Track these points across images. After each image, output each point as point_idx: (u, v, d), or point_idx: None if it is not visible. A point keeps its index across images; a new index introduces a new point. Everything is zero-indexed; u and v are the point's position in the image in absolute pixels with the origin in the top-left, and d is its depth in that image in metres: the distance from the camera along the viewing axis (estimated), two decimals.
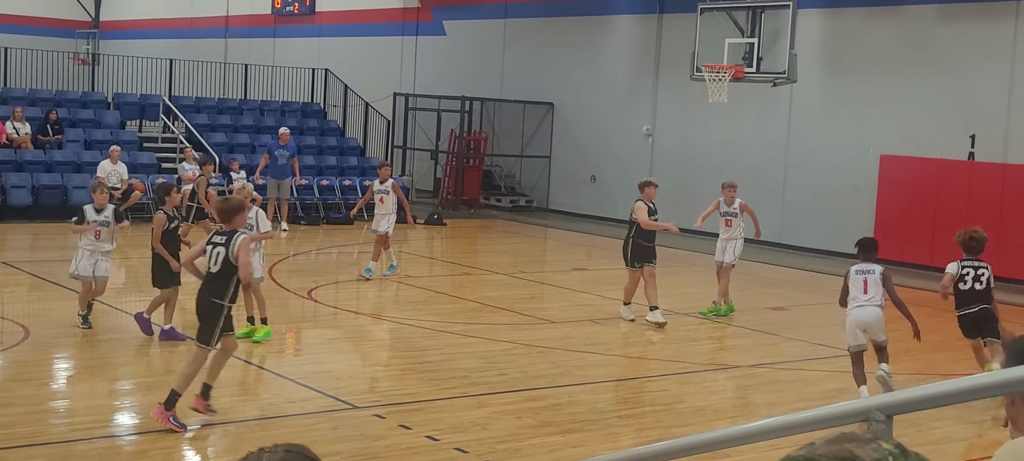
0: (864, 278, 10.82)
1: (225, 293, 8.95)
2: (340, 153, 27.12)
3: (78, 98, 26.45)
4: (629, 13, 26.08)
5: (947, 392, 2.63)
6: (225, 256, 8.88)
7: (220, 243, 8.99)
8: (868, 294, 10.77)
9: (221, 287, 8.94)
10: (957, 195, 19.94)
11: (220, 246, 8.96)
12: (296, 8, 35.33)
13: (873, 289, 10.75)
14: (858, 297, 10.78)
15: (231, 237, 8.95)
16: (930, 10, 20.77)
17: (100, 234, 12.25)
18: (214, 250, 8.98)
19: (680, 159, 24.81)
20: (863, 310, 10.72)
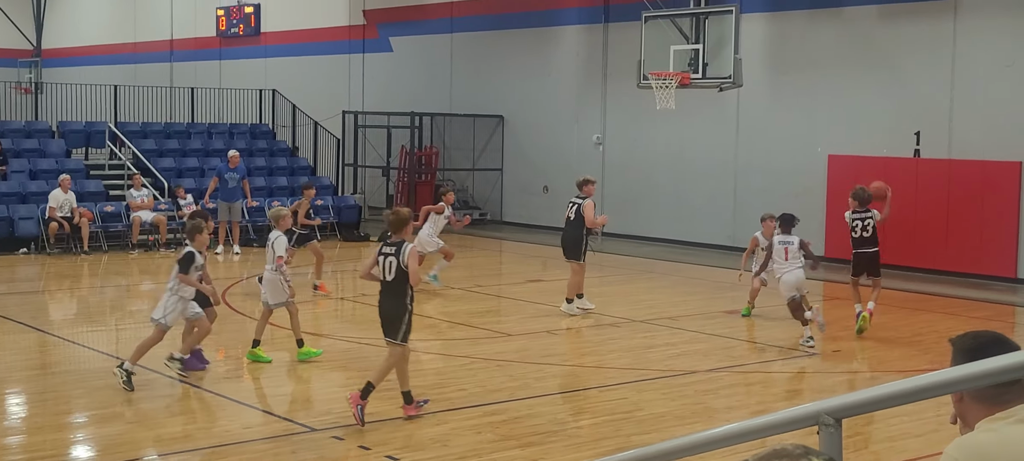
0: (785, 247, 13.62)
1: (405, 295, 9.76)
2: (290, 173, 26.99)
3: (22, 128, 26.13)
4: (575, 23, 26.19)
5: (895, 393, 2.67)
6: (397, 265, 9.70)
7: (391, 253, 9.78)
8: (789, 261, 13.54)
9: (401, 290, 9.74)
10: (904, 192, 20.15)
11: (391, 256, 9.76)
12: (241, 30, 35.15)
13: (792, 255, 13.52)
14: (783, 264, 13.58)
15: (400, 247, 9.73)
16: (870, 10, 21.04)
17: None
18: (386, 260, 9.78)
19: (631, 166, 24.93)
20: (792, 273, 13.48)
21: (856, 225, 14.34)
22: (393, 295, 9.78)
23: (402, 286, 9.71)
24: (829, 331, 13.97)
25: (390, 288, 9.79)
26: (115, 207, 22.68)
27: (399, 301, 9.75)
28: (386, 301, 9.87)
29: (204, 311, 11.46)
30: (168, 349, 11.40)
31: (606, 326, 15.17)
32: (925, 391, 2.67)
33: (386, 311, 9.86)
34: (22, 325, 14.27)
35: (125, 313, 16.42)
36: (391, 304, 9.81)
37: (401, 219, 10.05)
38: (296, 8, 33.34)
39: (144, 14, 39.89)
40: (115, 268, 20.34)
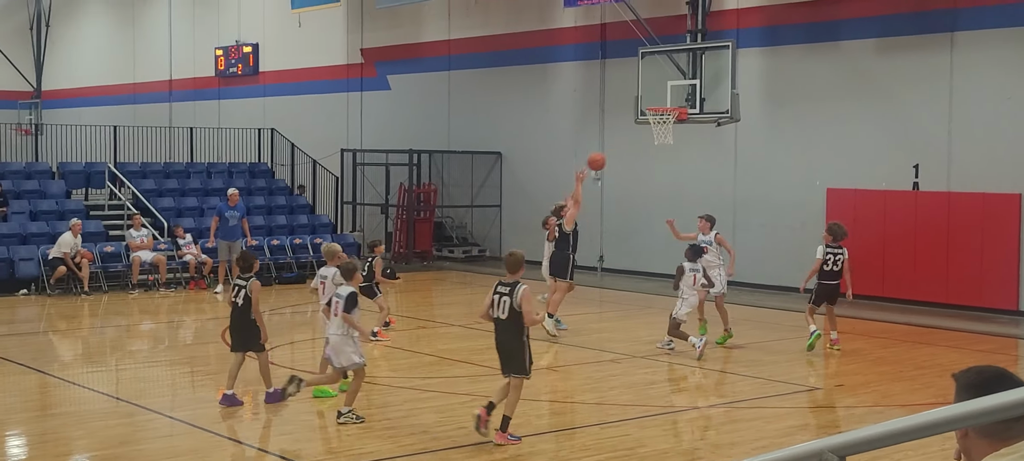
0: (694, 275, 14.79)
1: (521, 332, 10.27)
2: (289, 212, 27.01)
3: (22, 169, 26.17)
4: (572, 60, 26.28)
5: (900, 430, 2.66)
6: (510, 304, 10.23)
7: (505, 293, 10.32)
8: (696, 286, 14.81)
9: (516, 328, 10.25)
10: (904, 225, 20.20)
11: (505, 296, 10.30)
12: (239, 69, 35.27)
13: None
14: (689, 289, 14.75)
15: (514, 287, 10.27)
16: (867, 44, 21.12)
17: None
18: (500, 300, 10.33)
19: (630, 202, 24.95)
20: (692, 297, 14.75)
21: (829, 258, 15.38)
22: (509, 333, 10.32)
23: (517, 324, 10.23)
24: (831, 365, 13.95)
25: (505, 326, 10.33)
26: (115, 247, 22.68)
27: (515, 337, 10.29)
28: (503, 338, 10.41)
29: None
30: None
31: (606, 362, 15.14)
32: (930, 428, 2.66)
33: (505, 348, 10.41)
34: (22, 366, 14.24)
35: (125, 353, 16.39)
36: (508, 341, 10.35)
37: (516, 260, 10.66)
38: (294, 47, 33.47)
39: (143, 55, 40.04)
40: (115, 308, 20.32)
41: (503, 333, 10.39)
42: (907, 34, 20.52)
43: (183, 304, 20.98)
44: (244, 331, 11.93)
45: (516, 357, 10.31)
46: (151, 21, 39.60)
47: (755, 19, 22.71)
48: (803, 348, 15.28)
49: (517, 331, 10.25)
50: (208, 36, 36.54)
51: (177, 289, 22.26)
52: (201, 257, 22.87)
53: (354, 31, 31.55)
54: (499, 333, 10.44)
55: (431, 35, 29.51)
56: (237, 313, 11.95)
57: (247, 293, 11.81)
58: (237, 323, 12.00)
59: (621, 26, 23.48)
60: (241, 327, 11.95)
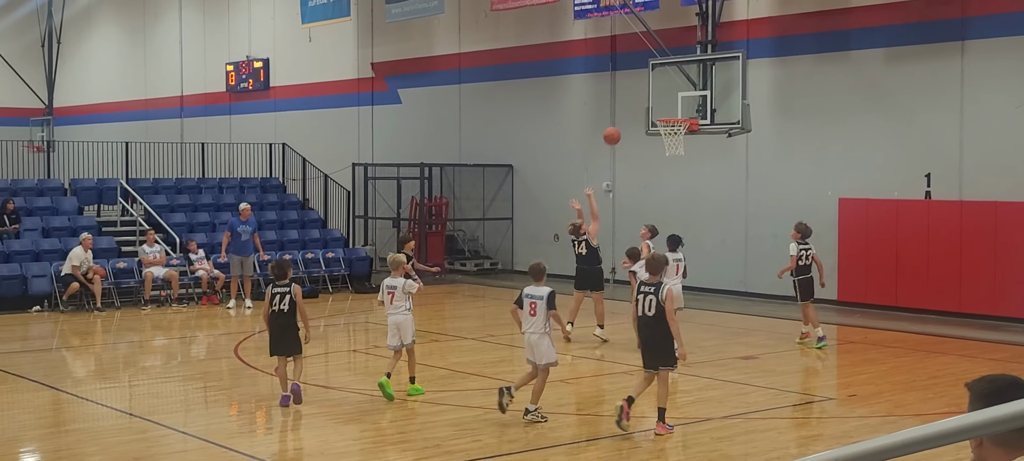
0: (677, 263, 15.85)
1: (667, 327, 11.03)
2: (301, 226, 27.06)
3: (34, 186, 26.28)
4: (582, 72, 26.31)
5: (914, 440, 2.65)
6: (656, 302, 10.97)
7: (651, 292, 11.08)
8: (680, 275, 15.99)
9: (663, 323, 10.98)
10: (916, 235, 20.15)
11: (651, 295, 11.05)
12: (250, 84, 35.38)
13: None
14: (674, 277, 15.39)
15: (659, 287, 11.07)
16: (878, 54, 21.10)
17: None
18: (645, 298, 11.08)
19: (642, 213, 24.88)
20: (677, 285, 15.44)
21: (802, 254, 16.44)
22: (657, 329, 11.04)
23: (662, 321, 10.96)
24: (844, 375, 13.92)
25: (653, 323, 11.03)
26: (127, 263, 22.73)
27: (663, 333, 11.03)
28: (652, 334, 11.11)
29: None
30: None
31: (620, 374, 15.13)
32: (944, 437, 2.65)
33: (654, 343, 11.12)
34: (36, 383, 14.28)
35: (138, 369, 16.42)
36: (657, 336, 11.07)
37: (659, 262, 11.50)
38: (305, 62, 33.56)
39: (154, 71, 40.19)
40: (128, 324, 20.36)
41: (652, 329, 11.09)
42: (917, 43, 20.50)
43: (196, 319, 21.02)
44: (288, 334, 12.58)
45: (665, 351, 11.11)
46: (162, 37, 39.76)
47: (765, 30, 22.71)
48: (816, 358, 15.26)
49: (664, 326, 11.01)
50: (219, 52, 36.68)
51: (189, 305, 22.30)
52: (213, 272, 22.91)
53: (364, 45, 31.63)
54: (647, 329, 11.15)
55: (442, 49, 29.57)
56: (281, 319, 12.54)
57: (292, 298, 12.50)
58: (282, 328, 12.58)
59: (631, 38, 23.50)
60: (287, 331, 12.58)
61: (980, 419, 2.75)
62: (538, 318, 11.54)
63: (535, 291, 11.67)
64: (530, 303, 11.61)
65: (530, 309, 11.61)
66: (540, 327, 11.56)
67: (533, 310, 11.58)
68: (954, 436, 2.75)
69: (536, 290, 11.67)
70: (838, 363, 16.62)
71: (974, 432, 2.84)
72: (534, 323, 11.59)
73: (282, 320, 12.62)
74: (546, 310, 11.50)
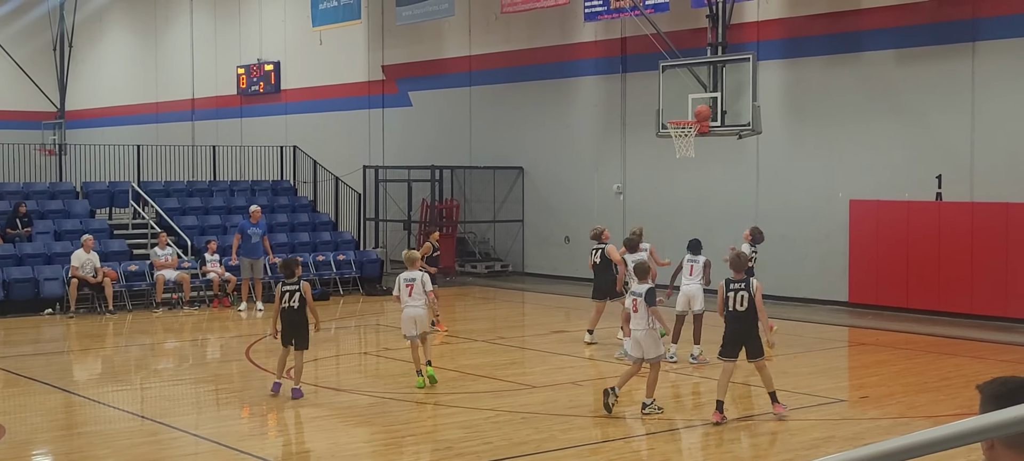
0: (691, 265, 15.60)
1: (757, 319, 11.82)
2: (312, 229, 27.10)
3: (46, 189, 26.35)
4: (593, 74, 26.31)
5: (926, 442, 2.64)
6: (748, 297, 11.73)
7: (740, 288, 11.82)
8: (693, 275, 15.57)
9: (754, 317, 11.79)
10: (927, 236, 20.11)
11: (741, 291, 11.81)
12: (261, 87, 35.46)
13: (697, 272, 15.19)
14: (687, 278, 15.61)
15: (748, 283, 11.80)
16: (888, 55, 21.07)
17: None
18: (736, 295, 11.80)
19: (653, 214, 24.89)
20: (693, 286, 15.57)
21: (753, 257, 16.56)
22: (749, 322, 11.78)
23: (754, 314, 11.74)
24: (855, 377, 13.89)
25: (744, 317, 11.78)
26: (139, 266, 22.79)
27: (755, 326, 11.80)
28: (743, 328, 11.80)
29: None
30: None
31: None
32: (956, 439, 2.65)
33: (747, 336, 11.79)
34: (48, 385, 14.33)
35: (150, 372, 16.46)
36: (749, 329, 11.79)
37: (742, 260, 12.15)
38: (315, 65, 33.61)
39: (165, 74, 40.30)
40: (139, 327, 20.42)
41: (743, 323, 11.80)
42: (928, 44, 20.46)
43: (207, 322, 21.07)
44: (299, 329, 13.12)
45: (757, 342, 11.85)
46: (173, 41, 39.86)
47: (775, 31, 22.69)
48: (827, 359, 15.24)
49: (755, 319, 11.76)
50: (230, 55, 36.76)
51: (201, 307, 22.34)
52: (225, 275, 22.95)
53: (375, 48, 31.67)
54: (738, 323, 11.81)
55: (452, 51, 29.60)
56: (292, 315, 13.12)
57: (301, 295, 13.05)
58: (292, 323, 13.14)
59: (641, 40, 23.48)
60: (297, 326, 13.12)
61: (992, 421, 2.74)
62: (641, 315, 12.12)
63: (640, 287, 12.33)
64: (635, 299, 12.23)
65: (632, 306, 12.26)
66: (644, 323, 12.13)
67: (635, 307, 12.20)
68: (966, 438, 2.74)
69: (641, 287, 12.33)
70: (849, 365, 16.60)
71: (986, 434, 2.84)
72: (637, 320, 12.19)
73: (292, 316, 13.17)
74: (646, 306, 12.08)
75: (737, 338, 11.86)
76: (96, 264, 21.56)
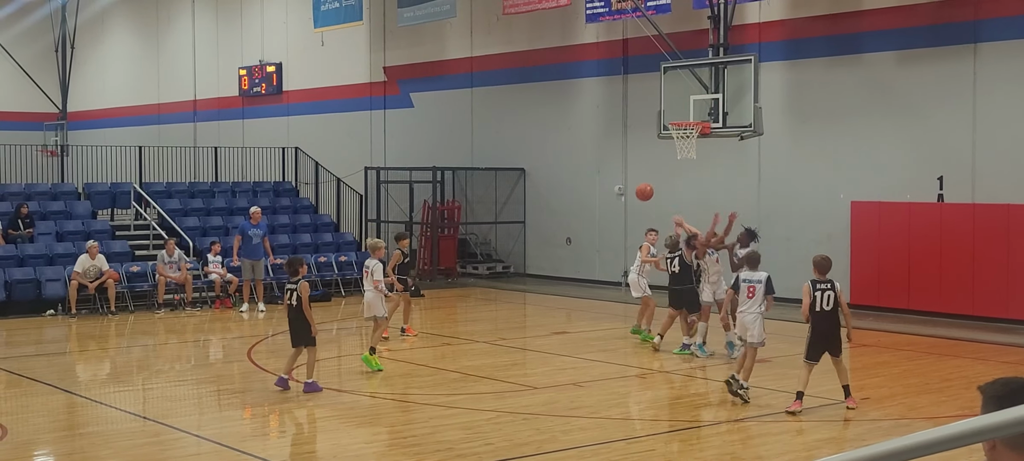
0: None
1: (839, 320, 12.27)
2: (314, 230, 27.12)
3: (48, 190, 26.38)
4: (594, 76, 26.32)
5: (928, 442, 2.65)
6: (834, 297, 12.16)
7: (826, 288, 12.15)
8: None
9: (836, 318, 12.18)
10: (929, 237, 20.12)
11: (828, 291, 12.15)
12: (263, 89, 35.48)
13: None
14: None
15: (833, 284, 12.22)
16: (889, 57, 21.07)
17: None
18: (823, 295, 12.15)
19: (653, 216, 24.86)
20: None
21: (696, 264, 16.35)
22: (834, 321, 12.18)
23: (836, 315, 12.13)
24: (857, 378, 13.87)
25: (830, 316, 12.15)
26: (141, 267, 22.79)
27: (838, 325, 12.18)
28: (829, 327, 12.19)
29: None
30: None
31: (632, 377, 15.14)
32: (958, 439, 2.65)
33: (832, 334, 12.20)
34: (50, 386, 14.34)
35: (152, 373, 16.47)
36: (834, 328, 12.21)
37: (828, 263, 12.38)
38: (317, 66, 33.63)
39: (167, 75, 40.33)
40: (141, 328, 20.43)
41: (828, 323, 12.16)
42: (929, 46, 20.47)
43: (209, 323, 21.08)
44: (299, 328, 13.51)
45: (839, 340, 12.27)
46: (175, 42, 39.88)
47: (777, 33, 22.70)
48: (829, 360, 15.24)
49: (838, 320, 12.15)
50: (232, 56, 36.78)
51: (203, 308, 22.36)
52: (227, 276, 22.96)
53: (377, 49, 31.69)
54: (823, 323, 12.15)
55: (454, 53, 29.61)
56: (292, 313, 13.58)
57: (298, 294, 13.39)
58: (292, 321, 13.63)
59: (643, 41, 23.50)
60: (296, 325, 13.55)
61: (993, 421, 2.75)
62: (756, 300, 12.86)
63: (759, 274, 12.95)
64: (752, 286, 12.87)
65: (748, 292, 12.88)
66: (758, 307, 12.88)
67: (752, 293, 12.87)
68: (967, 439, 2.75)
69: (759, 274, 12.96)
70: (851, 366, 16.57)
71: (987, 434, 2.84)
72: (752, 304, 12.87)
73: (292, 314, 13.67)
74: (764, 294, 12.83)
75: (823, 338, 12.20)
76: (104, 267, 21.53)
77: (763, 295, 12.94)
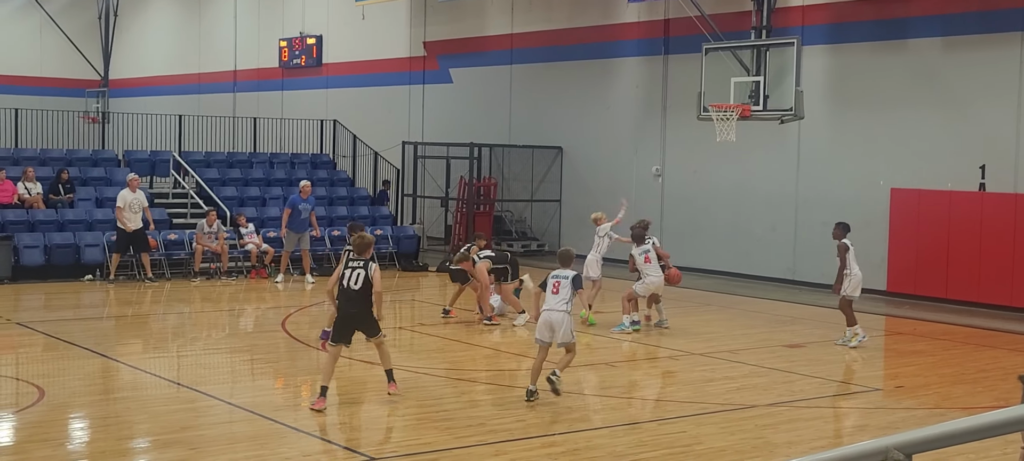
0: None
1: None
2: (351, 203, 27.18)
3: (89, 156, 26.59)
4: (635, 55, 26.19)
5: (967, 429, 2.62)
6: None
7: None
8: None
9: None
10: (969, 227, 19.90)
11: None
12: (303, 61, 35.56)
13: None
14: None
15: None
16: (935, 43, 20.83)
17: None
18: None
19: (691, 198, 24.82)
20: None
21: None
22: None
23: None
24: (891, 366, 13.79)
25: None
26: (178, 235, 22.95)
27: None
28: None
29: None
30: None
31: (664, 359, 15.10)
32: (997, 428, 2.62)
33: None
34: (87, 350, 14.47)
35: (187, 340, 16.59)
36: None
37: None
38: (358, 39, 33.67)
39: (208, 45, 40.51)
40: (177, 295, 20.58)
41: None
42: (975, 33, 20.21)
43: (244, 293, 21.20)
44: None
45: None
46: (216, 13, 40.04)
47: (821, 16, 22.49)
48: (862, 348, 15.15)
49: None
50: (272, 28, 36.88)
51: (238, 278, 22.49)
52: (263, 247, 23.09)
53: (417, 24, 31.67)
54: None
55: (493, 29, 29.55)
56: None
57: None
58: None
59: (685, 22, 23.35)
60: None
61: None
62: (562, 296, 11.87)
63: (561, 272, 12.13)
64: (554, 283, 12.07)
65: (553, 288, 12.10)
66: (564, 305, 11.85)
67: (556, 289, 12.07)
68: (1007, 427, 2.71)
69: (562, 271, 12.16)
70: (885, 354, 16.48)
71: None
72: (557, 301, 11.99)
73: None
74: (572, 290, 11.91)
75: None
76: (144, 203, 21.62)
77: (570, 292, 11.82)
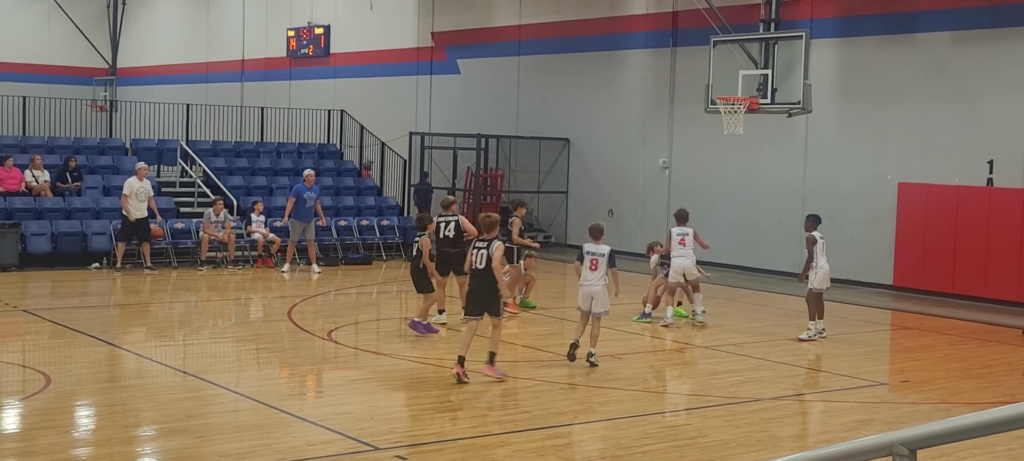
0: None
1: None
2: (357, 193, 27.20)
3: (96, 145, 26.63)
4: (642, 47, 26.15)
5: (973, 425, 2.61)
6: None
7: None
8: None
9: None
10: (977, 222, 19.87)
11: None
12: (311, 50, 35.56)
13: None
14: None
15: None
16: (944, 37, 20.77)
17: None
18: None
19: (697, 191, 24.79)
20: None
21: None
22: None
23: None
24: (897, 361, 13.77)
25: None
26: (185, 224, 22.97)
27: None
28: None
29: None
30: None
31: (670, 351, 15.09)
32: (1003, 424, 2.61)
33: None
34: (93, 338, 14.50)
35: (192, 329, 16.61)
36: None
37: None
38: (365, 29, 33.66)
39: (216, 34, 40.52)
40: (184, 284, 20.61)
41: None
42: (985, 27, 20.15)
43: (251, 282, 21.23)
44: (418, 277, 14.96)
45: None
46: (225, 2, 40.05)
47: (829, 9, 22.43)
48: (869, 342, 15.13)
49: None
50: (280, 17, 36.89)
51: (244, 267, 22.51)
52: (269, 236, 23.10)
53: (425, 15, 31.65)
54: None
55: (502, 20, 29.52)
56: (413, 264, 15.05)
57: (420, 248, 14.86)
58: (413, 272, 15.09)
59: (693, 14, 23.31)
60: (416, 275, 15.02)
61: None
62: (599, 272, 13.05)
63: (595, 248, 13.18)
64: (592, 259, 13.09)
65: (591, 265, 13.09)
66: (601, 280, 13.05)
67: (595, 266, 13.06)
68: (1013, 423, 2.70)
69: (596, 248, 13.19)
70: (891, 348, 16.47)
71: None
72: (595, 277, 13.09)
73: (413, 265, 15.09)
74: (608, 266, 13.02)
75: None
76: (149, 193, 21.63)
77: (606, 267, 13.07)
